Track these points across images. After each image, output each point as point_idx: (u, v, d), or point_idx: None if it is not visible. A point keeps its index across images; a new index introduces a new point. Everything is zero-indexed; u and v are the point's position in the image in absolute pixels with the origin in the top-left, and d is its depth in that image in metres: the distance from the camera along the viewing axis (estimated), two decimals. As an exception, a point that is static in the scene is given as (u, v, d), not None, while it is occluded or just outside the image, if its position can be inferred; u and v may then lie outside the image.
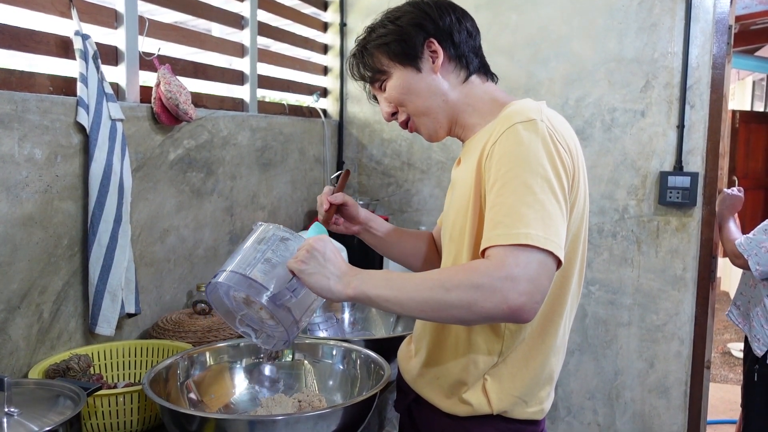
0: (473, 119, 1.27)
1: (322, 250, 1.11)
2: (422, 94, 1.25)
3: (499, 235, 1.03)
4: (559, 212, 1.05)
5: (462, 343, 1.21)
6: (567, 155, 1.10)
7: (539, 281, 1.01)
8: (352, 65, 1.33)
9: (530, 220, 1.02)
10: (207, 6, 2.13)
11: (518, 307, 0.99)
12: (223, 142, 2.14)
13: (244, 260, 1.17)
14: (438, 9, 1.25)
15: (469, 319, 1.06)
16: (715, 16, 2.45)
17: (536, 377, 1.21)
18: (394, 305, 1.07)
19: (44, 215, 1.51)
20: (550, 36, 2.64)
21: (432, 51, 1.24)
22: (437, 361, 1.26)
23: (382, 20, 1.29)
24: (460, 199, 1.22)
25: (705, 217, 2.52)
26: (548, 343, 1.20)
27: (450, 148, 2.82)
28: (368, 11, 2.88)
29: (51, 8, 1.58)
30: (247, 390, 1.42)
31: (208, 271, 2.10)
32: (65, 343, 1.59)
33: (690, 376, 2.59)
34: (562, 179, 1.07)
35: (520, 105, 1.18)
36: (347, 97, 2.98)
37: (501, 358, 1.19)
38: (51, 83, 1.58)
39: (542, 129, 1.08)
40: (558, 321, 1.21)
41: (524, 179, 1.04)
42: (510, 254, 1.00)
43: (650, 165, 2.56)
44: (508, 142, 1.08)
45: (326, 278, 1.09)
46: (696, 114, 2.49)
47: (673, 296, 2.57)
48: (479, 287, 1.00)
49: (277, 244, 1.18)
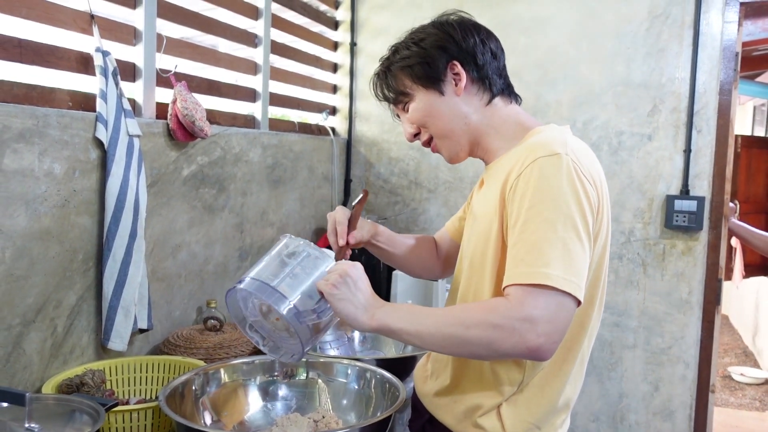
0: (496, 142, 1.27)
1: (355, 278, 1.12)
2: (444, 116, 1.25)
3: (519, 274, 1.04)
4: (580, 250, 1.05)
5: (485, 372, 1.21)
6: (592, 188, 1.10)
7: (558, 323, 1.02)
8: (375, 85, 1.34)
9: (551, 259, 1.02)
10: (223, 24, 2.16)
11: (536, 348, 1.01)
12: (235, 158, 2.16)
13: (272, 271, 1.16)
14: (462, 30, 1.25)
15: (488, 356, 1.10)
16: (723, 43, 2.48)
17: (552, 405, 1.20)
18: (415, 339, 1.10)
19: (61, 230, 1.52)
20: (559, 59, 2.67)
21: (455, 73, 1.24)
22: (457, 387, 1.26)
23: (406, 41, 1.29)
24: (481, 226, 1.22)
25: (711, 241, 2.53)
26: (566, 371, 1.21)
27: (457, 168, 2.83)
28: (378, 31, 2.91)
29: (72, 25, 1.60)
30: (261, 408, 1.42)
31: (218, 288, 2.10)
32: (77, 358, 1.59)
33: (695, 399, 2.59)
34: (586, 215, 1.07)
35: (545, 136, 1.17)
36: (356, 115, 3.00)
37: (520, 388, 1.19)
38: (71, 99, 1.59)
39: (567, 163, 1.08)
40: (577, 349, 1.21)
41: (547, 216, 1.05)
42: (529, 295, 1.02)
43: (657, 188, 2.58)
44: (532, 177, 1.08)
45: (354, 307, 1.10)
46: (703, 139, 2.51)
47: (679, 319, 2.58)
48: (498, 327, 1.02)
49: (307, 261, 1.18)
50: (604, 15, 2.59)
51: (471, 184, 2.82)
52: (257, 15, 2.34)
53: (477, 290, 1.22)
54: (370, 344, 1.94)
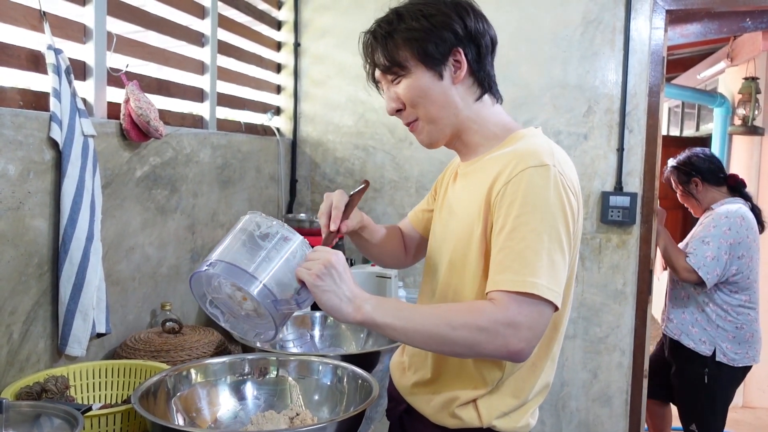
0: (476, 139, 1.27)
1: (339, 268, 1.11)
2: (437, 102, 1.22)
3: (505, 281, 1.08)
4: (562, 261, 1.11)
5: (467, 369, 1.24)
6: (574, 199, 1.15)
7: (538, 328, 1.09)
8: (368, 47, 1.25)
9: (537, 269, 1.07)
10: (171, 23, 2.13)
11: (517, 352, 1.08)
12: (187, 159, 2.13)
13: (243, 252, 1.13)
14: (474, 16, 1.22)
15: (468, 355, 1.15)
16: (651, 48, 2.63)
17: (527, 395, 1.25)
18: (400, 335, 1.11)
19: (16, 233, 1.47)
20: (499, 61, 2.68)
21: (456, 60, 1.20)
22: (436, 380, 1.29)
23: (412, 11, 1.21)
24: (462, 225, 1.23)
25: (643, 235, 2.68)
26: (541, 367, 1.26)
27: (402, 168, 2.88)
28: (322, 32, 2.93)
29: (23, 21, 1.55)
30: (233, 407, 1.42)
31: (171, 290, 2.07)
32: (34, 365, 1.54)
33: (630, 385, 2.74)
34: (569, 226, 1.12)
35: (533, 143, 1.18)
36: (300, 116, 3.00)
37: (497, 385, 1.23)
38: (21, 97, 1.54)
39: (554, 175, 1.11)
40: (553, 347, 1.27)
41: (534, 227, 1.09)
42: (514, 302, 1.07)
43: (592, 185, 2.71)
44: (521, 186, 1.10)
45: (338, 299, 1.09)
46: (634, 138, 2.66)
47: (615, 309, 2.72)
48: (483, 330, 1.06)
49: (281, 244, 1.15)
50: (541, 19, 2.70)
51: (416, 183, 2.88)
52: (203, 14, 2.32)
53: (457, 290, 1.24)
54: (329, 341, 1.96)
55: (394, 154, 2.89)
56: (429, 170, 2.85)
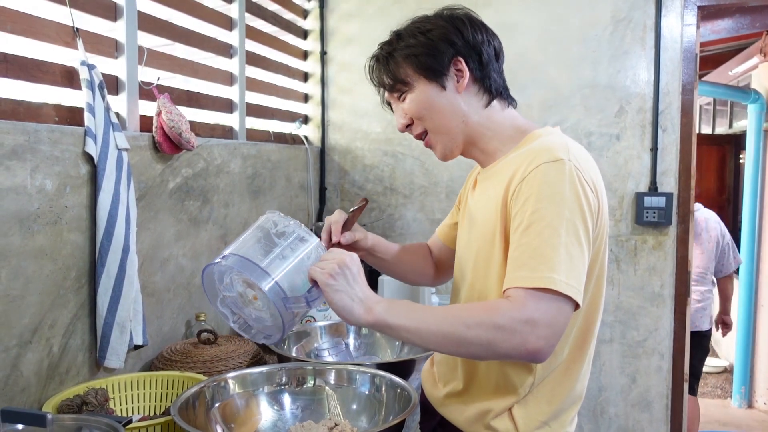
0: (493, 144, 1.27)
1: (353, 269, 1.09)
2: (443, 112, 1.23)
3: (522, 277, 1.06)
4: (581, 256, 1.08)
5: (496, 376, 1.22)
6: (592, 193, 1.12)
7: (557, 326, 1.04)
8: (372, 69, 1.29)
9: (554, 264, 1.04)
10: (200, 36, 2.14)
11: (536, 350, 1.03)
12: (218, 170, 2.14)
13: (257, 248, 1.13)
14: (471, 26, 1.23)
15: (486, 356, 1.11)
16: (683, 45, 2.58)
17: (563, 402, 1.22)
18: (414, 336, 1.08)
19: (54, 247, 1.48)
20: (527, 63, 2.73)
21: (458, 69, 1.22)
22: (468, 391, 1.27)
23: (410, 30, 1.25)
24: (483, 229, 1.22)
25: (680, 235, 2.63)
26: (576, 370, 1.23)
27: (432, 173, 2.87)
28: (348, 40, 2.93)
29: (57, 38, 1.57)
30: (272, 417, 1.42)
31: (205, 301, 2.07)
32: (73, 378, 1.55)
33: (671, 389, 2.68)
34: (587, 220, 1.09)
35: (547, 141, 1.18)
36: (328, 124, 3.01)
37: (531, 389, 1.21)
38: (56, 113, 1.56)
39: (569, 169, 1.09)
40: (586, 349, 1.24)
41: (550, 221, 1.06)
42: (531, 298, 1.04)
43: (626, 186, 2.66)
44: (535, 182, 1.09)
45: (351, 300, 1.07)
46: (668, 137, 2.61)
47: (652, 312, 2.66)
48: (500, 328, 1.03)
49: (296, 244, 1.15)
50: (569, 20, 2.67)
51: (446, 188, 2.86)
52: (231, 26, 2.33)
53: (482, 293, 1.22)
54: (364, 350, 1.95)
55: (423, 160, 2.87)
56: (459, 175, 2.83)
